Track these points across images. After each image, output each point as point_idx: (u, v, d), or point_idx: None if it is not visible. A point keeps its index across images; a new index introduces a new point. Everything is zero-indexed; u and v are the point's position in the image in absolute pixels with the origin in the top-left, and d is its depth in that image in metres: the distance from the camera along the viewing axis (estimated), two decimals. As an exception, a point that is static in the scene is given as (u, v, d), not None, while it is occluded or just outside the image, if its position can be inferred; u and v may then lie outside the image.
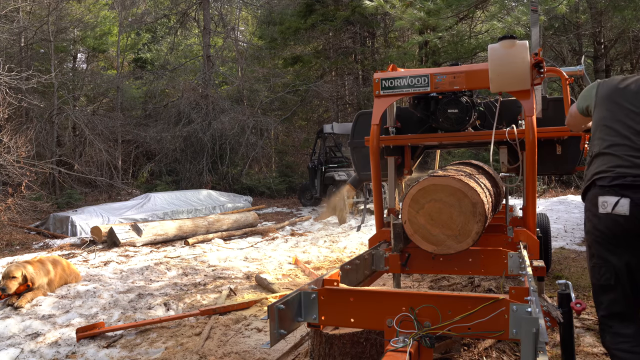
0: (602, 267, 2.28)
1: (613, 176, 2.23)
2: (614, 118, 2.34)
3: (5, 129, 10.24)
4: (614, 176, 2.22)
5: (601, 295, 2.31)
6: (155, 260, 7.02)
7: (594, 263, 2.33)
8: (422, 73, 3.58)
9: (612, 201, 2.20)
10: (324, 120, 19.95)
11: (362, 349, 2.43)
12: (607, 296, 2.28)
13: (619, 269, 2.22)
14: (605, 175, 2.26)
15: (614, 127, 2.32)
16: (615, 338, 2.23)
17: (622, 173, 2.20)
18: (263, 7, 21.85)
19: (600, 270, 2.29)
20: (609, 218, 2.22)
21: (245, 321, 4.23)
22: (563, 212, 9.08)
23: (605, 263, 2.26)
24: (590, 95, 2.50)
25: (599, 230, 2.27)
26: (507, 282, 4.37)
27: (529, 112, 3.28)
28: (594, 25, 13.74)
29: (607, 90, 2.41)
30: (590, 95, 2.51)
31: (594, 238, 2.31)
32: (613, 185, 2.21)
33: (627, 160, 2.22)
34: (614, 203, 2.19)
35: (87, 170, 15.28)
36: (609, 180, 2.23)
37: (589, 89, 2.55)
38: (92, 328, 3.99)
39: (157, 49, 23.24)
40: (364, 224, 9.63)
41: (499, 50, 3.21)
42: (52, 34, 15.68)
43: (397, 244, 3.34)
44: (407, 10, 8.49)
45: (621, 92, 2.35)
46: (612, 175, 2.23)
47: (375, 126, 3.66)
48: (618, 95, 2.36)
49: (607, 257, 2.26)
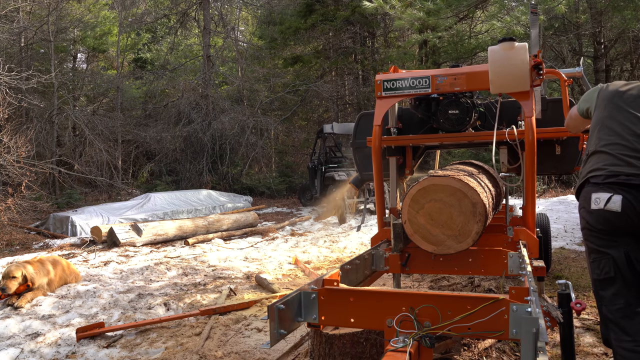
0: (602, 260, 2.28)
1: (606, 174, 2.25)
2: (612, 119, 2.38)
3: (5, 129, 10.24)
4: (608, 174, 2.25)
5: (602, 290, 2.31)
6: (155, 260, 7.02)
7: (593, 258, 2.34)
8: (423, 75, 3.63)
9: (604, 197, 2.23)
10: (324, 120, 19.96)
11: (362, 349, 2.43)
12: (609, 290, 2.27)
13: (618, 259, 2.23)
14: (599, 174, 2.29)
15: (611, 127, 2.36)
16: (619, 335, 2.22)
17: (616, 171, 2.23)
18: (263, 7, 21.86)
19: (600, 264, 2.29)
20: (600, 214, 2.24)
21: (245, 321, 4.23)
22: (563, 212, 9.08)
23: (604, 256, 2.27)
24: (592, 98, 2.55)
25: (591, 225, 2.30)
26: (507, 282, 4.37)
27: (528, 113, 3.33)
28: (593, 25, 13.74)
29: (609, 94, 2.46)
30: (591, 97, 2.56)
31: (589, 233, 2.33)
32: (606, 182, 2.24)
33: (622, 160, 2.25)
34: (607, 199, 2.22)
35: (87, 170, 15.28)
36: (603, 178, 2.26)
37: (590, 92, 2.60)
38: (92, 328, 3.99)
39: (157, 49, 23.24)
40: (364, 224, 9.63)
41: (499, 52, 3.26)
42: (52, 34, 15.69)
43: (397, 244, 3.35)
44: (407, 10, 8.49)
45: (622, 95, 2.40)
46: (605, 173, 2.26)
47: (377, 127, 3.72)
48: (619, 98, 2.40)
49: (605, 249, 2.27)
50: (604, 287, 2.30)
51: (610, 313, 2.27)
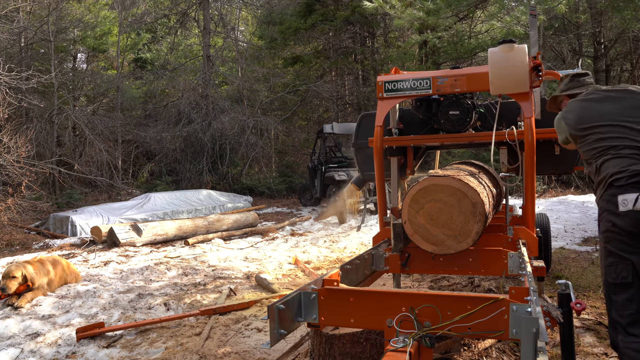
0: (620, 265, 2.28)
1: (629, 175, 2.27)
2: (605, 125, 2.44)
3: (5, 129, 10.24)
4: (630, 174, 2.27)
5: (616, 294, 2.30)
6: (155, 260, 7.02)
7: (610, 262, 2.33)
8: (424, 76, 3.70)
9: (631, 198, 2.23)
10: (324, 120, 19.96)
11: (362, 349, 2.43)
12: (623, 295, 2.27)
13: (638, 265, 2.23)
14: (621, 176, 2.29)
15: (611, 134, 2.40)
16: (628, 337, 2.22)
17: (637, 170, 2.25)
18: (263, 7, 21.86)
19: (617, 269, 2.29)
20: (629, 215, 2.24)
21: (245, 321, 4.23)
22: (563, 212, 9.08)
23: (623, 261, 2.27)
24: (562, 127, 2.68)
25: (618, 227, 2.28)
26: (507, 282, 4.37)
27: (528, 114, 3.38)
28: (593, 25, 13.74)
29: (577, 114, 2.59)
30: (561, 127, 2.70)
31: (613, 236, 2.31)
32: (630, 183, 2.25)
33: (637, 159, 2.28)
34: (634, 199, 2.22)
35: (87, 170, 15.27)
36: (626, 179, 2.27)
37: (557, 123, 2.75)
38: (92, 328, 3.99)
39: (157, 49, 23.23)
40: (364, 224, 9.63)
41: (499, 54, 3.32)
42: (52, 34, 15.68)
43: (397, 244, 3.35)
44: (407, 10, 8.49)
45: (591, 105, 2.54)
46: (627, 174, 2.28)
47: (379, 127, 3.78)
48: (589, 110, 2.53)
49: (626, 255, 2.26)
50: (617, 292, 2.29)
51: (621, 317, 2.27)
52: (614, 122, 2.42)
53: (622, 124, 2.40)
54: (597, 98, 2.56)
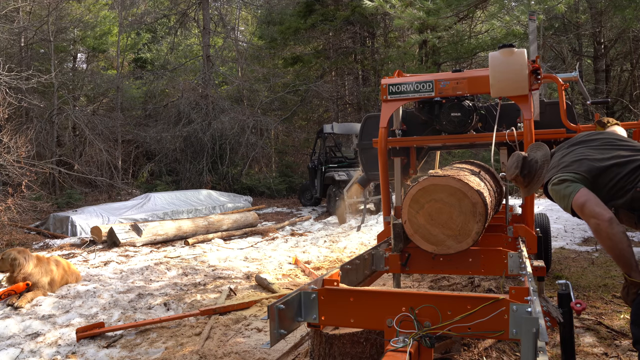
0: None
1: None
2: (598, 154, 2.35)
3: (5, 129, 10.23)
4: None
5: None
6: (155, 260, 7.02)
7: None
8: (427, 79, 3.82)
9: None
10: (324, 120, 19.96)
11: (362, 349, 2.43)
12: None
13: None
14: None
15: (601, 158, 2.31)
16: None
17: None
18: (263, 7, 21.87)
19: None
20: None
21: (245, 321, 4.23)
22: (563, 212, 9.04)
23: None
24: (565, 194, 2.29)
25: None
26: (507, 282, 4.38)
27: (527, 116, 3.47)
28: (594, 25, 13.74)
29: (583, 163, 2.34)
30: (565, 193, 2.29)
31: None
32: None
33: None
34: None
35: (87, 170, 15.26)
36: None
37: (563, 191, 2.30)
38: (92, 328, 4.00)
39: (157, 49, 23.23)
40: (364, 224, 9.63)
41: (499, 57, 3.43)
42: (52, 34, 15.68)
43: (397, 244, 3.35)
44: (407, 9, 8.50)
45: (569, 151, 2.50)
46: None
47: (383, 129, 3.91)
48: (580, 153, 2.44)
49: None
50: None
51: None
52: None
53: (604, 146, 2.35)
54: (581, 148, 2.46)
